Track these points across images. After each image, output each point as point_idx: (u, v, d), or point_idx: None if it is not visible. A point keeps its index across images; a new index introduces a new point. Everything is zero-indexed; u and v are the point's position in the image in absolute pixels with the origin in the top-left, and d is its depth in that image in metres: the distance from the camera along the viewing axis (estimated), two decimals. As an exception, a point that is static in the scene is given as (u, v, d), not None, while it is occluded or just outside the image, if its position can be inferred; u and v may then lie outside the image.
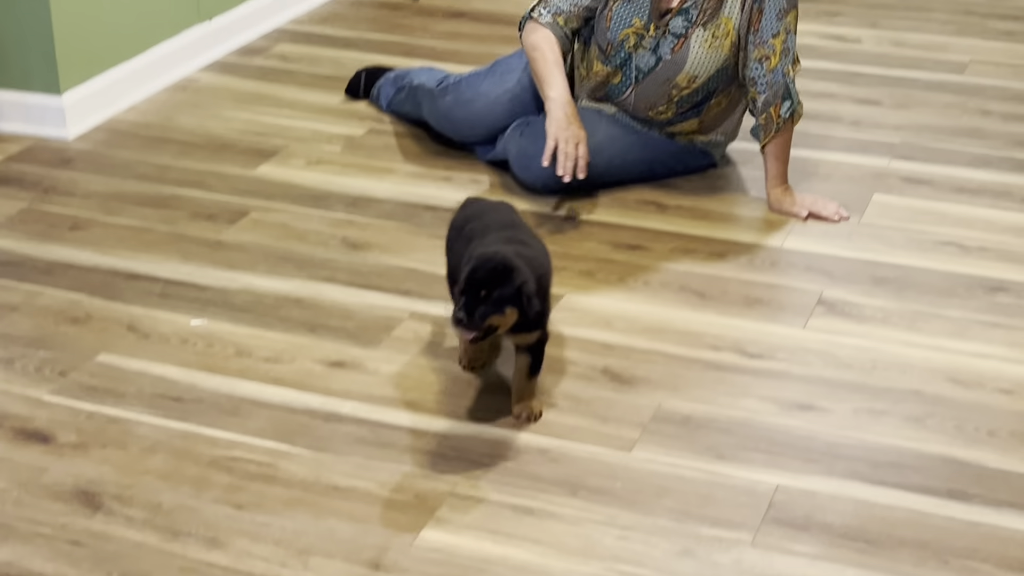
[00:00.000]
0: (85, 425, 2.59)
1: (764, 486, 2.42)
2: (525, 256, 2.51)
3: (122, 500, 2.38)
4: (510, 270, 2.43)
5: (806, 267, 3.19)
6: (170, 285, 3.10)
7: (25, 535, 2.28)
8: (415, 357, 2.82)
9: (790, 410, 2.65)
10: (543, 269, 2.57)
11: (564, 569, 2.22)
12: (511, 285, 2.42)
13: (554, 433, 2.57)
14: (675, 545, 2.27)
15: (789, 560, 2.24)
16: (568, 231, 3.34)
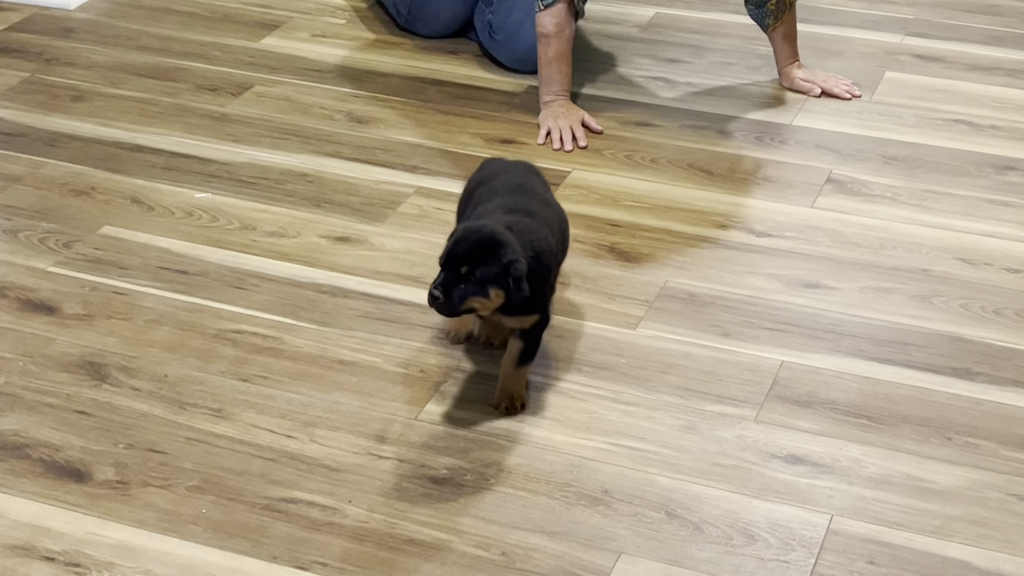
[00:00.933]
0: (90, 297, 2.59)
1: (769, 363, 2.42)
2: (524, 229, 2.21)
3: (128, 371, 2.38)
4: (497, 246, 2.12)
5: (815, 145, 3.16)
6: (174, 158, 3.08)
7: (31, 404, 2.30)
8: (421, 233, 2.81)
9: (796, 288, 2.64)
10: (544, 245, 2.23)
11: (568, 443, 2.23)
12: (497, 263, 2.11)
13: (560, 310, 2.56)
14: (678, 420, 2.28)
15: (792, 435, 2.25)
16: (576, 107, 3.31)
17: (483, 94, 3.38)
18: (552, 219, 2.33)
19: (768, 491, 2.13)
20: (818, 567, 1.99)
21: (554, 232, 2.30)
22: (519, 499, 2.11)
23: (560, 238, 2.33)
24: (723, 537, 2.04)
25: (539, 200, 2.36)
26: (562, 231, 2.37)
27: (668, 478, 2.15)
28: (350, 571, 1.97)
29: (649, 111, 3.30)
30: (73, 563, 1.97)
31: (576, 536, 2.04)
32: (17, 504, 2.08)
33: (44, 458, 2.18)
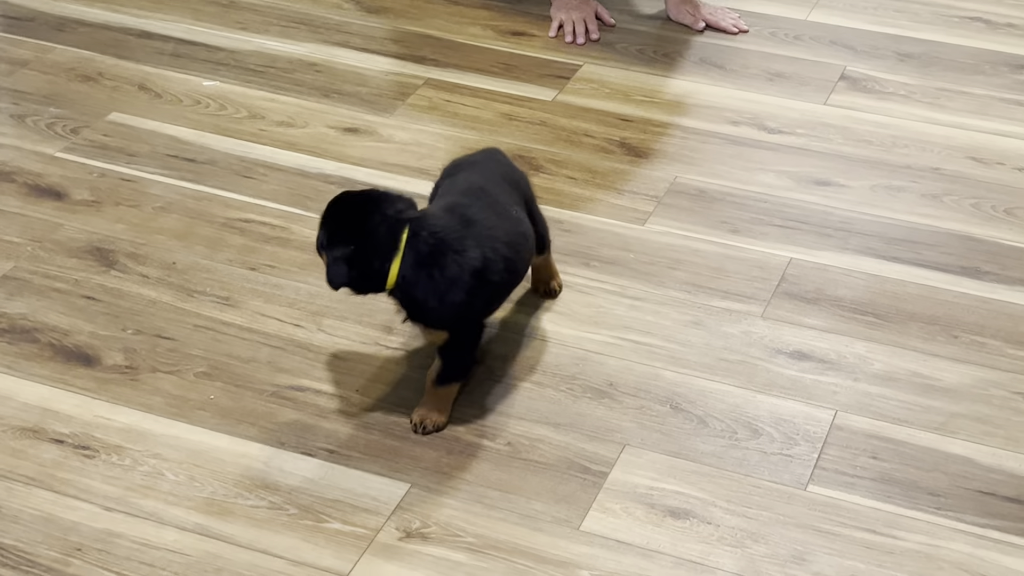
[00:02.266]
0: (98, 183, 2.58)
1: (777, 259, 2.42)
2: (445, 232, 1.96)
3: (136, 258, 2.38)
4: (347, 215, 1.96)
5: (830, 41, 3.13)
6: (182, 45, 3.05)
7: (40, 289, 2.30)
8: (429, 125, 2.79)
9: (807, 185, 2.63)
10: (469, 257, 1.95)
11: (575, 336, 2.23)
12: (333, 232, 1.96)
13: (569, 204, 2.56)
14: (685, 316, 2.28)
15: (798, 332, 2.25)
16: None
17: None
18: (500, 232, 2.02)
19: (773, 386, 2.14)
20: (821, 461, 2.00)
21: (496, 245, 2.00)
22: (525, 391, 2.12)
23: (507, 256, 2.01)
24: (727, 431, 2.05)
25: (494, 209, 2.05)
26: (513, 248, 2.03)
27: (674, 372, 2.16)
28: (356, 458, 1.98)
29: (661, 3, 3.25)
30: (82, 445, 1.99)
31: (581, 428, 2.05)
32: (26, 387, 2.09)
33: (53, 342, 2.19)
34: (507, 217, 2.06)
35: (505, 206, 2.08)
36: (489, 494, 1.93)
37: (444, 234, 1.96)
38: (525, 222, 2.12)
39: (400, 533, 1.87)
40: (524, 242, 2.09)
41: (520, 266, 2.09)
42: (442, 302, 1.95)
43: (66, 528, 1.85)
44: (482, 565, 1.82)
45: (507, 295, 2.12)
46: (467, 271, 1.95)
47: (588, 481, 1.96)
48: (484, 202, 2.05)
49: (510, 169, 2.21)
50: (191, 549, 1.83)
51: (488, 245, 1.98)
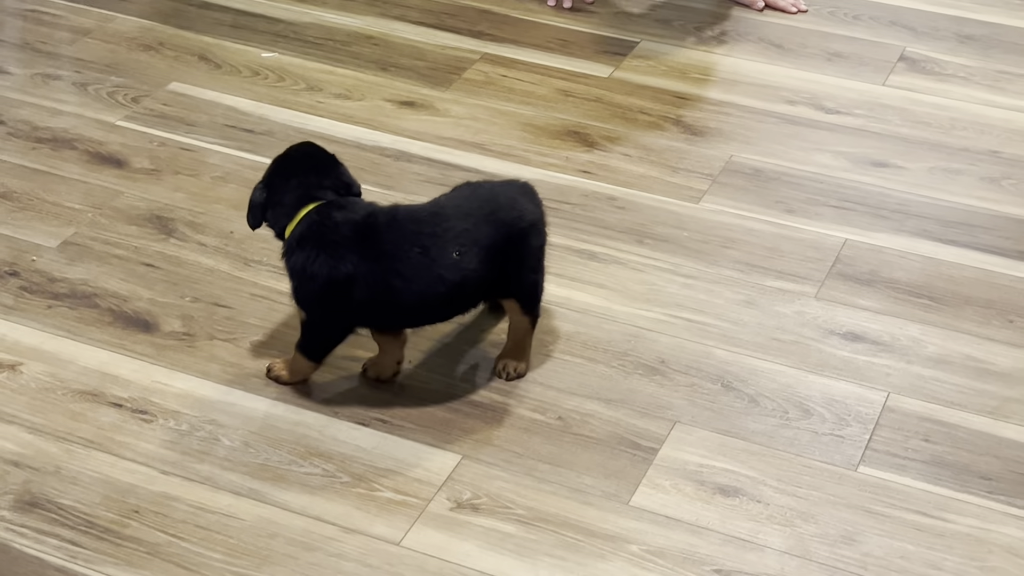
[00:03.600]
0: (158, 152, 2.61)
1: (832, 240, 2.41)
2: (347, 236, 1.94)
3: (194, 226, 2.41)
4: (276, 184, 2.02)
5: (890, 21, 3.10)
6: (241, 16, 3.07)
7: (100, 255, 2.34)
8: (485, 99, 2.80)
9: (864, 166, 2.61)
10: (335, 274, 1.94)
11: (627, 313, 2.24)
12: (271, 176, 2.03)
13: (623, 181, 2.56)
14: (738, 295, 2.28)
15: (852, 313, 2.25)
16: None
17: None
18: (401, 260, 1.94)
19: (826, 367, 2.14)
20: (872, 443, 2.00)
21: (382, 269, 1.94)
22: (577, 366, 2.13)
23: (389, 284, 1.95)
24: (778, 410, 2.05)
25: (423, 239, 1.95)
26: (405, 279, 1.94)
27: (725, 351, 2.16)
28: (408, 429, 2.00)
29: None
30: (140, 410, 2.02)
31: (632, 404, 2.06)
32: (86, 351, 2.13)
33: (113, 308, 2.22)
34: (431, 251, 1.95)
35: (445, 241, 1.95)
36: (539, 467, 1.95)
37: (336, 230, 1.95)
38: (455, 267, 1.95)
39: (451, 503, 1.89)
40: (429, 281, 1.95)
41: (408, 300, 1.96)
42: (299, 285, 1.98)
43: (124, 490, 1.89)
44: (531, 537, 1.84)
45: (393, 318, 2.01)
46: (323, 276, 1.94)
47: (638, 457, 1.97)
48: (424, 227, 1.97)
49: (514, 213, 2.01)
50: (245, 514, 1.86)
51: (373, 265, 1.94)
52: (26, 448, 1.95)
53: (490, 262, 1.98)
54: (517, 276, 2.03)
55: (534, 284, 2.06)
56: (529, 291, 2.06)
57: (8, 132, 2.65)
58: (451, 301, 2.00)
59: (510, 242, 2.00)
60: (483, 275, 1.98)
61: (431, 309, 2.01)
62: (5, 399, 2.03)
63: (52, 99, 2.75)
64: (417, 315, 2.03)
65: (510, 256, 2.00)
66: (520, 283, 2.04)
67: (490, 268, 1.99)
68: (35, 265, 2.30)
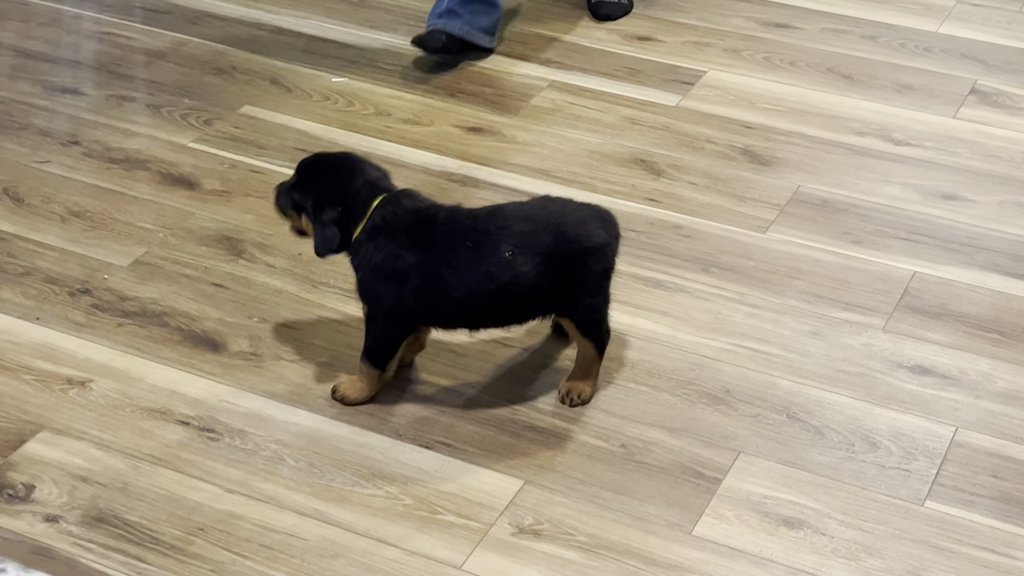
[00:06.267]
0: (229, 174, 2.64)
1: (900, 273, 2.39)
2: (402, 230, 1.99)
3: (263, 248, 2.44)
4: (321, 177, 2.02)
5: (961, 54, 3.08)
6: (313, 41, 3.11)
7: (170, 274, 2.36)
8: (552, 127, 2.81)
9: (933, 199, 2.59)
10: (400, 266, 1.98)
11: (691, 342, 2.23)
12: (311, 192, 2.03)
13: (689, 210, 2.55)
14: (804, 325, 2.27)
15: (920, 346, 2.22)
16: (713, 5, 3.26)
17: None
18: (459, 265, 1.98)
19: (893, 400, 2.11)
20: (940, 477, 1.98)
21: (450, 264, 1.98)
22: (641, 394, 2.12)
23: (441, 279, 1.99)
24: (844, 443, 2.04)
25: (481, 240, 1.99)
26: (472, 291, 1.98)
27: (791, 381, 2.15)
28: (471, 453, 2.01)
29: (790, 12, 3.23)
30: (207, 428, 2.04)
31: (696, 433, 2.05)
32: (155, 369, 2.15)
33: (182, 327, 2.25)
34: (483, 246, 1.98)
35: (499, 240, 1.97)
36: (602, 494, 1.94)
37: (403, 219, 2.00)
38: (506, 267, 1.96)
39: (513, 528, 1.88)
40: (478, 277, 1.97)
41: (457, 294, 1.98)
42: (364, 277, 2.02)
43: (189, 508, 1.90)
44: (593, 565, 1.83)
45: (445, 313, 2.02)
46: (388, 266, 1.99)
47: (702, 486, 1.96)
48: (480, 223, 2.00)
49: (580, 232, 2.00)
50: (309, 534, 1.87)
51: (427, 253, 1.98)
52: (94, 464, 1.97)
53: (545, 272, 1.98)
54: (575, 296, 2.02)
55: (592, 307, 2.05)
56: (586, 314, 2.05)
57: (83, 152, 2.69)
58: (502, 303, 2.00)
59: (569, 259, 1.99)
60: (536, 283, 1.98)
61: (481, 308, 2.01)
62: (75, 415, 2.06)
63: (126, 120, 2.80)
64: (468, 312, 2.03)
65: (568, 274, 2.00)
66: (577, 304, 2.03)
67: (544, 278, 1.98)
68: (107, 283, 2.34)
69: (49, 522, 1.87)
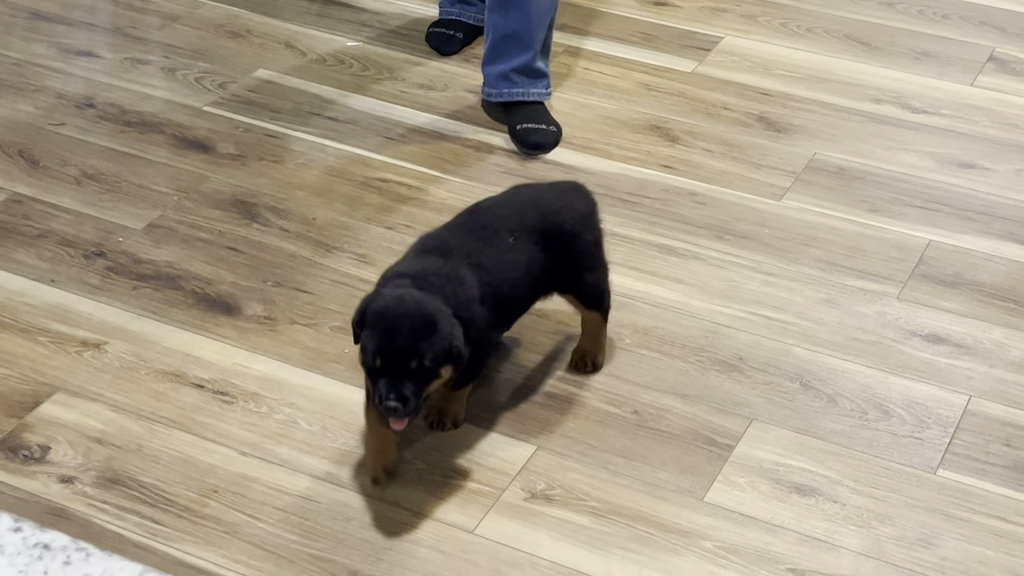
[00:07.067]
0: (243, 138, 2.64)
1: (916, 241, 2.38)
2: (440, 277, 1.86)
3: (277, 212, 2.44)
4: (433, 324, 1.78)
5: (980, 22, 3.06)
6: (328, 5, 3.10)
7: (185, 238, 2.37)
8: (566, 92, 2.80)
9: (950, 167, 2.58)
10: (464, 295, 1.87)
11: (705, 309, 2.23)
12: (441, 343, 1.78)
13: (704, 177, 2.55)
14: (819, 293, 2.27)
15: (935, 315, 2.22)
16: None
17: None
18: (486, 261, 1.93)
19: (906, 369, 2.11)
20: (952, 446, 1.98)
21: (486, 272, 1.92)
22: (654, 360, 2.13)
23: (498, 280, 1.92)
24: (857, 411, 2.04)
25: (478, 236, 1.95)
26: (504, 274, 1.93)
27: (805, 349, 2.15)
28: (485, 419, 2.01)
29: (808, -21, 3.21)
30: (221, 391, 2.05)
31: (709, 400, 2.05)
32: (170, 332, 2.16)
33: (196, 290, 2.25)
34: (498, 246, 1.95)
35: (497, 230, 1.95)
36: (614, 460, 1.95)
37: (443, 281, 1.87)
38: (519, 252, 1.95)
39: (525, 494, 1.89)
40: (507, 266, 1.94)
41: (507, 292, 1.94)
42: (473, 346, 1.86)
43: (203, 470, 1.91)
44: (604, 530, 1.84)
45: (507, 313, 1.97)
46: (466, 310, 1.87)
47: (714, 453, 1.96)
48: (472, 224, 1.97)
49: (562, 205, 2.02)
50: (322, 497, 1.87)
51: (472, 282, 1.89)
52: (109, 426, 1.98)
53: (544, 249, 1.96)
54: (574, 272, 2.01)
55: (592, 281, 2.04)
56: (587, 289, 2.04)
57: (97, 115, 2.69)
58: (528, 286, 1.98)
59: (561, 233, 1.98)
60: (541, 260, 1.96)
61: (519, 298, 1.98)
62: (90, 377, 2.07)
63: (141, 83, 2.79)
64: (515, 307, 1.99)
65: (562, 249, 1.98)
66: (578, 280, 2.02)
67: (545, 255, 1.97)
68: (121, 246, 2.34)
69: (64, 483, 1.88)
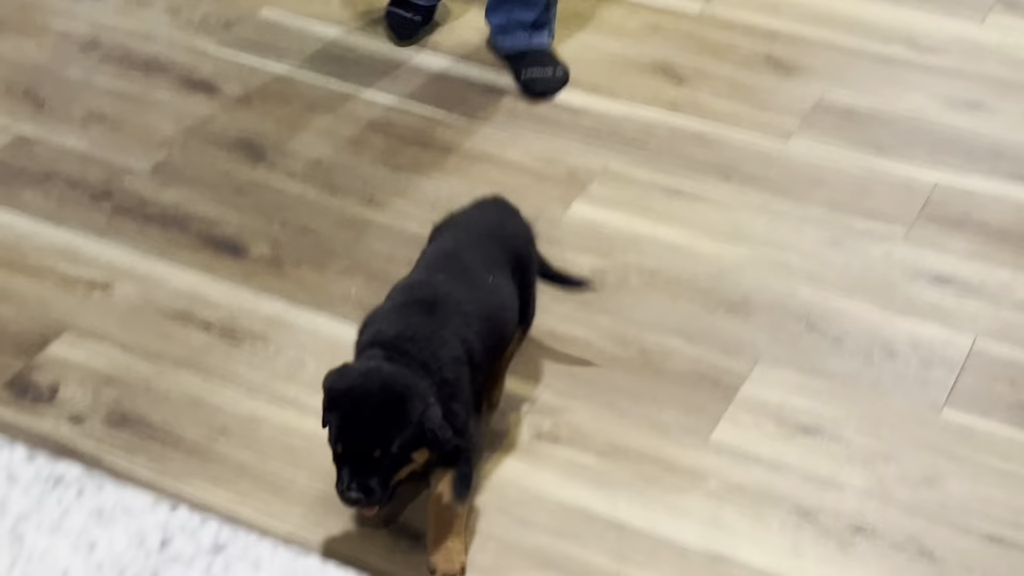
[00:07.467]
0: (249, 78, 2.63)
1: (922, 182, 2.38)
2: (422, 340, 1.68)
3: (284, 153, 2.43)
4: (401, 403, 1.60)
5: (990, -40, 3.03)
6: (332, -56, 3.08)
7: (191, 179, 2.37)
8: (573, 32, 2.78)
9: (958, 107, 2.57)
10: (449, 354, 1.69)
11: (712, 250, 2.23)
12: (409, 424, 1.60)
13: (711, 117, 2.54)
14: (825, 234, 2.26)
15: (941, 256, 2.22)
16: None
17: None
18: (473, 307, 1.76)
19: (912, 309, 2.12)
20: (958, 386, 1.98)
21: (470, 325, 1.74)
22: (659, 301, 2.13)
23: (483, 328, 1.76)
24: (862, 352, 2.04)
25: (463, 280, 1.80)
26: (490, 320, 1.78)
27: (811, 290, 2.15)
28: (491, 358, 2.02)
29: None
30: (228, 331, 2.06)
31: (714, 341, 2.06)
32: (177, 273, 2.16)
33: (203, 231, 2.25)
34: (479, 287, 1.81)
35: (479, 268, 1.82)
36: (620, 401, 1.96)
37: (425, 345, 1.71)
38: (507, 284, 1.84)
39: (532, 434, 1.90)
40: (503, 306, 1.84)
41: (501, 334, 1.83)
42: (451, 411, 1.69)
43: (212, 410, 1.92)
44: (610, 469, 1.85)
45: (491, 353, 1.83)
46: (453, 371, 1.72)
47: (719, 393, 1.97)
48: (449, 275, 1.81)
49: (503, 232, 1.91)
50: (330, 437, 1.88)
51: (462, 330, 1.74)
52: (117, 366, 1.99)
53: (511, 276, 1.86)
54: (527, 294, 1.90)
55: (532, 300, 1.93)
56: (529, 308, 1.92)
57: (102, 56, 2.68)
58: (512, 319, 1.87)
59: (521, 260, 1.89)
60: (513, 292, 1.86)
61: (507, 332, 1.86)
62: (98, 317, 2.07)
63: (146, 24, 2.78)
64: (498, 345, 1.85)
65: (523, 276, 1.89)
66: (525, 301, 1.89)
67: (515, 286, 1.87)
68: (128, 187, 2.34)
69: (74, 422, 1.90)
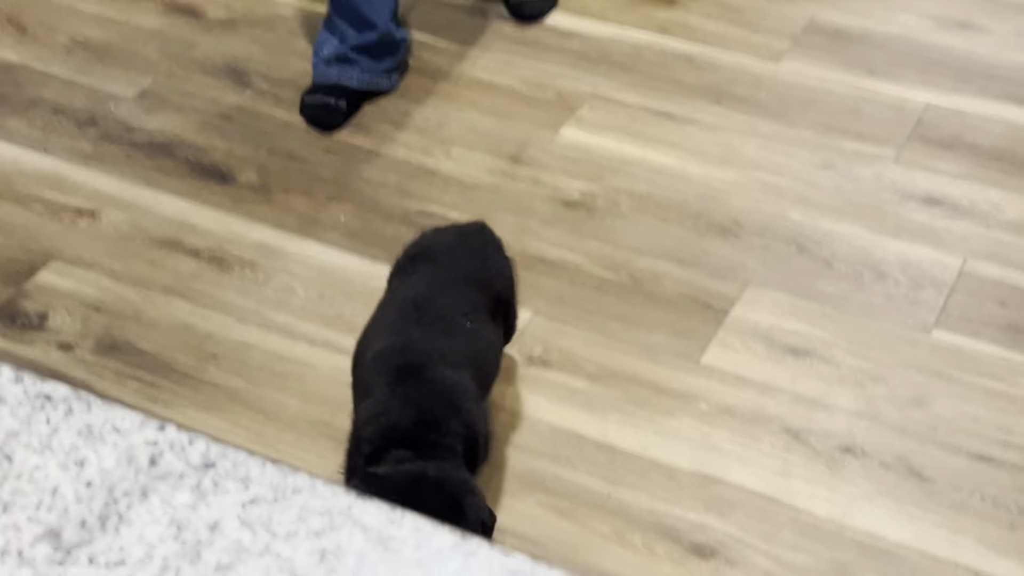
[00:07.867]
0: (233, 3, 2.60)
1: (913, 103, 2.37)
2: (444, 418, 1.58)
3: (270, 80, 2.41)
4: (459, 506, 1.53)
5: None
6: None
7: (177, 106, 2.35)
8: (563, -46, 2.75)
9: (948, 27, 2.55)
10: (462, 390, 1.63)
11: (702, 174, 2.22)
12: (467, 524, 1.52)
13: (701, 40, 2.52)
14: (816, 156, 2.26)
15: (931, 177, 2.21)
16: None
17: None
18: (460, 356, 1.67)
19: (902, 231, 2.11)
20: (948, 306, 1.99)
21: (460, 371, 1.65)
22: (649, 226, 2.12)
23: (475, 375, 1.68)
24: (852, 273, 2.04)
25: (439, 330, 1.69)
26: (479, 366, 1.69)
27: (801, 213, 2.15)
28: (481, 283, 2.01)
29: None
30: (216, 259, 2.05)
31: (704, 264, 2.06)
32: (164, 201, 2.15)
33: (189, 158, 2.24)
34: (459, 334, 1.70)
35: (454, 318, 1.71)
36: (610, 325, 1.96)
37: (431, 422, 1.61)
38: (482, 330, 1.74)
39: (522, 358, 1.90)
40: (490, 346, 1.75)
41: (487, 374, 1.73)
42: None
43: (202, 337, 1.92)
44: (601, 393, 1.85)
45: None
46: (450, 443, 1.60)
47: (709, 317, 1.97)
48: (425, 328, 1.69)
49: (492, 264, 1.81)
50: (321, 363, 1.89)
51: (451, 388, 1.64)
52: (106, 293, 1.99)
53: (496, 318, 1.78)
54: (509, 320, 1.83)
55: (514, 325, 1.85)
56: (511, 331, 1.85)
57: (85, -18, 2.65)
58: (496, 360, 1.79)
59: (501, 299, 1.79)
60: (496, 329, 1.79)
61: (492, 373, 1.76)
62: (85, 245, 2.07)
63: (128, -51, 2.74)
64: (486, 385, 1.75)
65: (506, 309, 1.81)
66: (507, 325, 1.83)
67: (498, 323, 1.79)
68: (113, 114, 2.32)
69: (63, 350, 1.90)
